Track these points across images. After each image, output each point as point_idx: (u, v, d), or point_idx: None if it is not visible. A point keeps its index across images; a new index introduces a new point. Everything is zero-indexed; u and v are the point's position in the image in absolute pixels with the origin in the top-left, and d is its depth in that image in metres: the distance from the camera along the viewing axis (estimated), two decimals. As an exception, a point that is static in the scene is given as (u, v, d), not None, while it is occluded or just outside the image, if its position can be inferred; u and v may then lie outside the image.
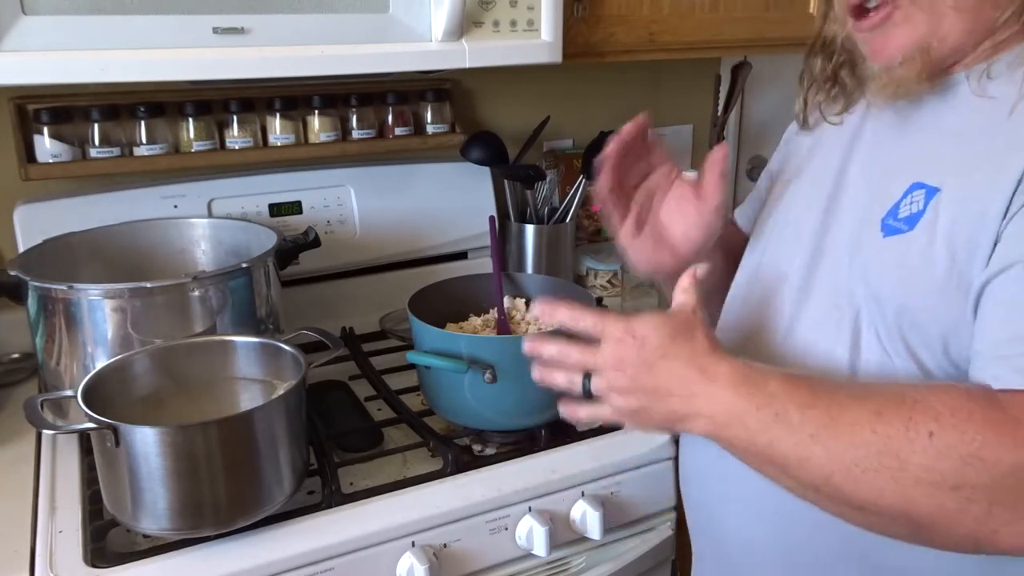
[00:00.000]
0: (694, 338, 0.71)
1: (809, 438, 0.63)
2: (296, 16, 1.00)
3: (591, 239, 1.69)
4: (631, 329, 0.71)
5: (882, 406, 0.62)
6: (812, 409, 0.64)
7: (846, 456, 0.62)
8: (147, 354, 0.94)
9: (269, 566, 0.84)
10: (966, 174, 0.67)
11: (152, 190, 1.27)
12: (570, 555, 1.03)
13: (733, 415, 0.67)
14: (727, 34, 1.34)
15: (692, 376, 0.69)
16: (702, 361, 0.69)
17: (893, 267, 0.70)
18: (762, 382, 0.67)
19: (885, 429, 0.61)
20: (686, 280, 0.76)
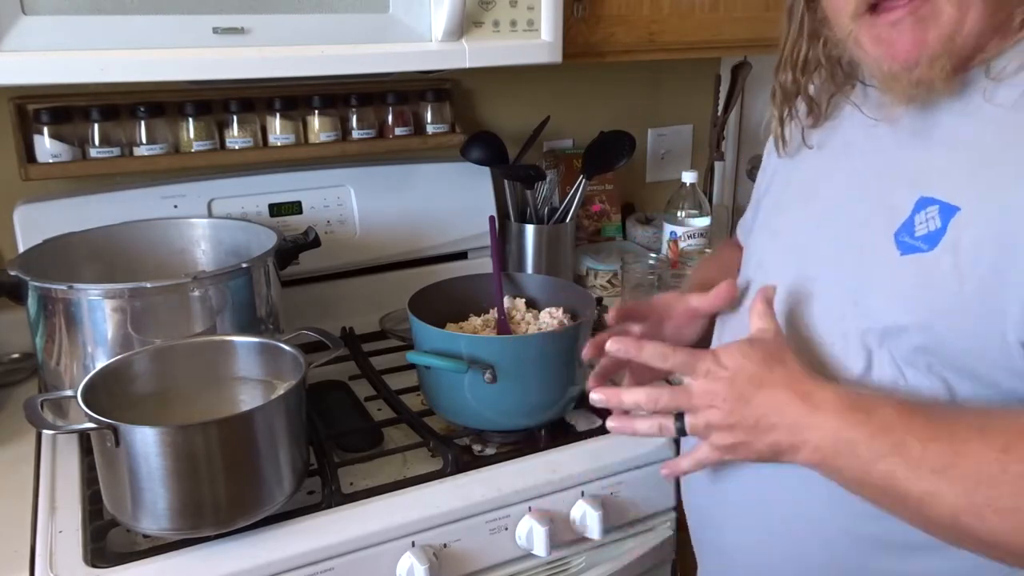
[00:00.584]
0: (787, 363, 0.68)
1: (932, 474, 0.60)
2: (296, 16, 1.00)
3: (591, 239, 1.69)
4: (719, 361, 0.68)
5: (1009, 442, 0.59)
6: (935, 443, 0.60)
7: (976, 495, 0.59)
8: (147, 354, 0.94)
9: (269, 566, 0.84)
10: (982, 191, 0.65)
11: (152, 190, 1.27)
12: (570, 555, 1.03)
13: (842, 443, 0.63)
14: (727, 34, 1.34)
15: (794, 404, 0.65)
16: (802, 387, 0.66)
17: (917, 287, 0.67)
18: (873, 409, 0.63)
19: (1017, 468, 0.58)
20: (760, 304, 0.73)
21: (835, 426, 0.64)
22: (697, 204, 1.53)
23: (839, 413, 0.64)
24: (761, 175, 0.96)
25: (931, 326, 0.66)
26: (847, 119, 0.81)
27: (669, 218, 1.55)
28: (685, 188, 1.53)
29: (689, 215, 1.53)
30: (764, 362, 0.67)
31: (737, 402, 0.67)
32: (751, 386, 0.67)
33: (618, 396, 0.73)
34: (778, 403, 0.66)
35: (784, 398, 0.66)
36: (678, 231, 1.52)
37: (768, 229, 0.87)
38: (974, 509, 0.59)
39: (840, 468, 0.65)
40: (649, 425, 0.72)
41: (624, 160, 1.49)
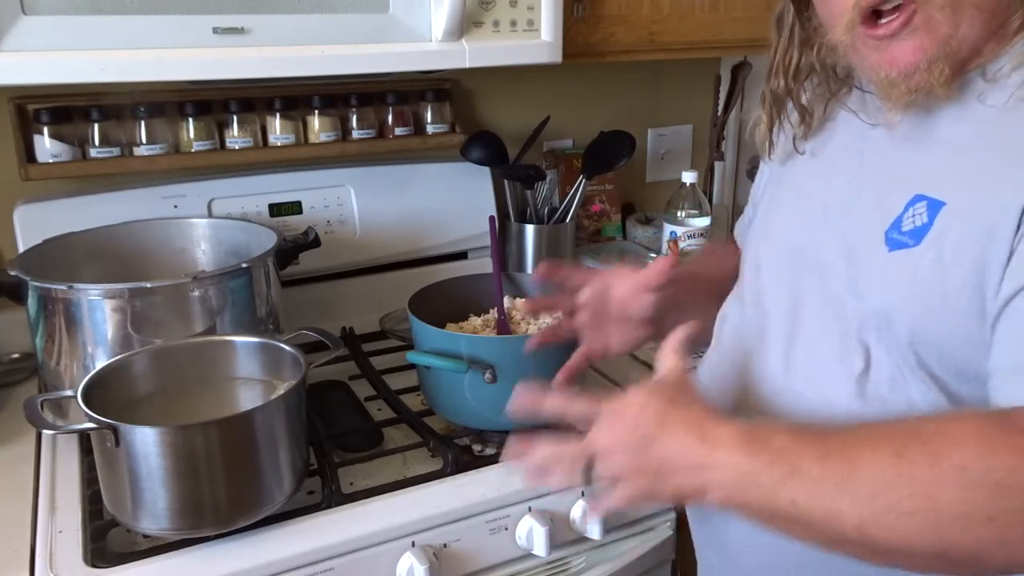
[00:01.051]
0: (687, 405, 0.68)
1: (833, 488, 0.60)
2: (296, 16, 1.00)
3: (591, 239, 1.69)
4: (619, 409, 0.69)
5: (901, 446, 0.59)
6: (828, 459, 0.61)
7: (876, 503, 0.59)
8: (147, 354, 0.94)
9: (269, 566, 0.84)
10: (970, 187, 0.66)
11: (152, 190, 1.27)
12: (570, 555, 1.03)
13: (744, 477, 0.63)
14: (727, 34, 1.34)
15: (692, 445, 0.65)
16: (700, 427, 0.66)
17: (902, 282, 0.68)
18: (767, 438, 0.64)
19: (910, 470, 0.58)
20: (674, 341, 0.74)
21: (734, 460, 0.64)
22: (697, 204, 1.53)
23: (736, 447, 0.64)
24: (759, 177, 0.97)
25: (918, 319, 0.68)
26: (843, 123, 0.81)
27: (669, 218, 1.54)
28: (685, 188, 1.53)
29: (689, 215, 1.53)
30: (663, 406, 0.68)
31: (638, 449, 0.67)
32: (652, 430, 0.67)
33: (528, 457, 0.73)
34: (678, 447, 0.66)
35: (684, 440, 0.66)
36: (678, 231, 1.52)
37: (764, 230, 0.87)
38: (876, 518, 0.59)
39: (748, 502, 0.64)
40: (558, 478, 0.72)
41: (624, 160, 1.49)
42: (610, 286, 0.90)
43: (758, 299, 0.84)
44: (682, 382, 0.71)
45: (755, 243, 0.88)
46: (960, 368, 0.67)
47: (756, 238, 0.89)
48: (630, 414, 0.68)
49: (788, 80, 0.81)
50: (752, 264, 0.87)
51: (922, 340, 0.68)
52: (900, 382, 0.70)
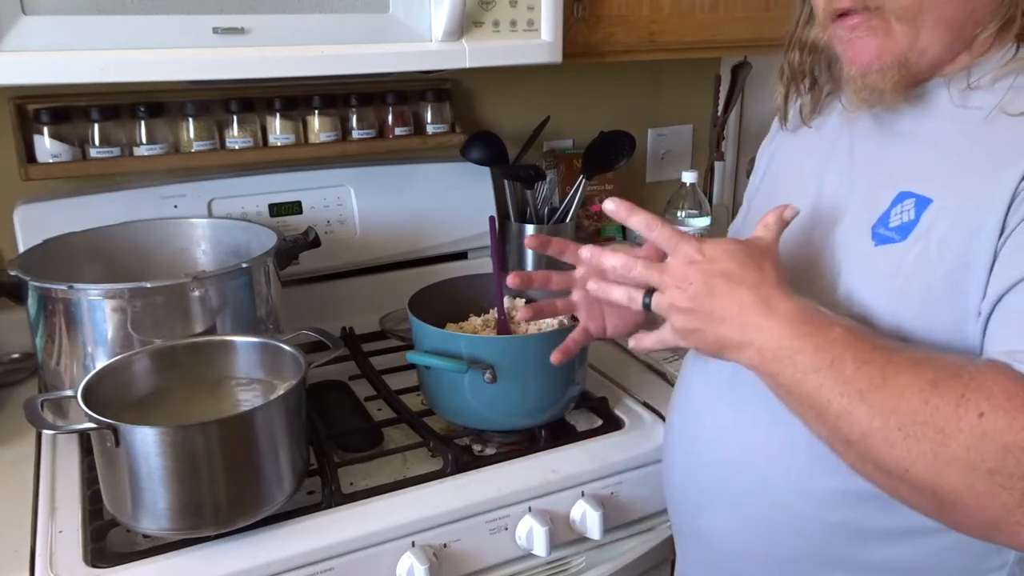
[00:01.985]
0: (763, 268, 0.69)
1: (857, 393, 0.62)
2: (296, 16, 1.00)
3: (591, 239, 1.69)
4: (702, 249, 0.70)
5: (938, 377, 0.60)
6: (868, 365, 0.62)
7: (890, 419, 0.60)
8: (147, 354, 0.94)
9: (269, 566, 0.84)
10: (956, 186, 0.68)
11: (152, 190, 1.27)
12: (570, 555, 1.03)
13: (783, 350, 0.65)
14: (727, 34, 1.34)
15: (751, 305, 0.67)
16: (766, 292, 0.67)
17: (885, 276, 0.70)
18: (825, 325, 0.65)
19: (936, 401, 0.59)
20: (771, 217, 0.74)
21: (781, 333, 0.65)
22: (697, 204, 1.54)
23: (790, 322, 0.65)
24: (753, 176, 0.98)
25: (901, 314, 0.69)
26: (836, 116, 0.83)
27: (669, 218, 1.54)
28: (685, 188, 1.54)
29: (689, 215, 1.53)
30: (742, 262, 0.69)
31: (702, 289, 0.68)
32: (721, 279, 0.68)
33: (599, 256, 0.75)
34: (738, 300, 0.67)
35: (745, 297, 0.67)
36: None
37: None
38: (885, 431, 0.60)
39: (775, 373, 0.66)
40: (621, 293, 0.74)
41: (624, 160, 1.49)
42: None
43: None
44: (768, 249, 0.71)
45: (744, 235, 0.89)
46: None
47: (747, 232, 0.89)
48: (708, 259, 0.69)
49: (804, 53, 0.83)
50: None
51: (902, 333, 0.69)
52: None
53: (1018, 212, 0.63)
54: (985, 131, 0.68)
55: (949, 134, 0.70)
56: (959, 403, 0.58)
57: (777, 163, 0.92)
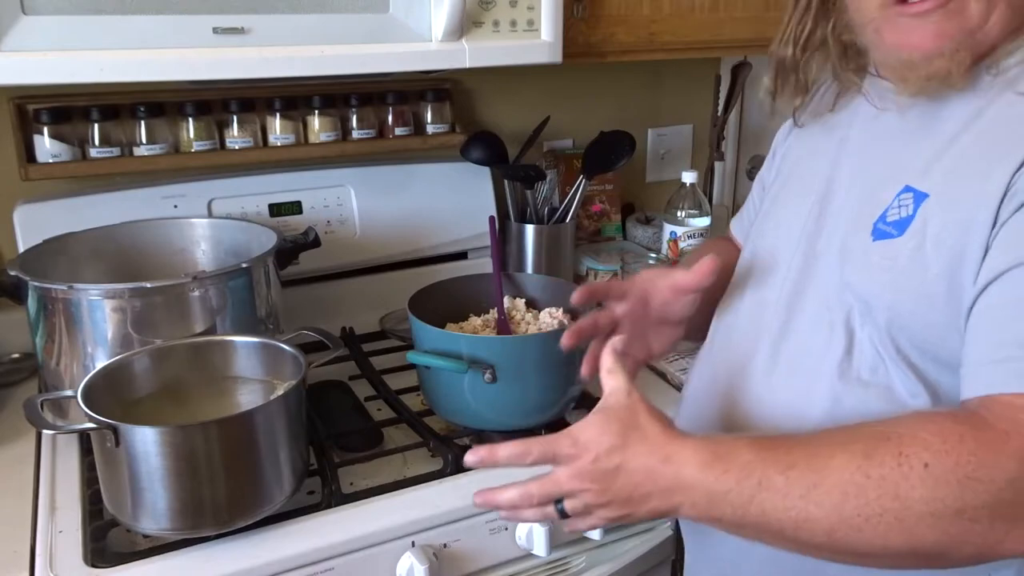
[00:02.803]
0: (643, 428, 0.68)
1: (800, 499, 0.61)
2: (296, 16, 1.00)
3: (591, 239, 1.69)
4: (578, 442, 0.68)
5: (869, 448, 0.60)
6: (794, 469, 0.62)
7: (845, 508, 0.60)
8: (147, 354, 0.94)
9: (269, 566, 0.84)
10: (953, 180, 0.68)
11: (152, 190, 1.27)
12: (570, 555, 1.03)
13: (714, 496, 0.64)
14: (727, 34, 1.34)
15: (658, 470, 0.66)
16: (662, 451, 0.66)
17: (883, 271, 0.70)
18: (732, 454, 0.64)
19: (878, 471, 0.59)
20: (608, 360, 0.73)
21: (701, 483, 0.64)
22: (697, 204, 1.53)
23: (701, 468, 0.64)
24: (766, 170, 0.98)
25: (896, 308, 0.69)
26: (853, 110, 0.82)
27: (669, 218, 1.54)
28: (685, 188, 1.53)
29: (689, 215, 1.53)
30: (620, 432, 0.67)
31: (605, 479, 0.67)
32: (614, 459, 0.66)
33: (494, 499, 0.72)
34: (644, 473, 0.66)
35: (648, 464, 0.66)
36: (678, 231, 1.52)
37: (772, 220, 0.88)
38: (846, 522, 0.60)
39: (719, 517, 0.65)
40: (533, 514, 0.72)
41: (624, 160, 1.49)
42: (648, 292, 0.89)
43: (756, 293, 0.84)
44: (631, 403, 0.70)
45: (763, 231, 0.89)
46: (936, 355, 0.69)
47: (765, 226, 0.89)
48: (589, 447, 0.67)
49: (796, 50, 0.81)
50: (765, 253, 0.87)
51: (899, 327, 0.69)
52: (880, 367, 0.71)
53: (1009, 205, 0.63)
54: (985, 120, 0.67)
55: (956, 126, 0.70)
56: (900, 463, 0.59)
57: (790, 161, 0.91)
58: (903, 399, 0.70)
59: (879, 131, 0.77)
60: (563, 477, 0.68)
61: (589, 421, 0.69)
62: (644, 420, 0.68)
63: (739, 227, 1.04)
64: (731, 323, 0.87)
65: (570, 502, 0.69)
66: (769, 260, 0.84)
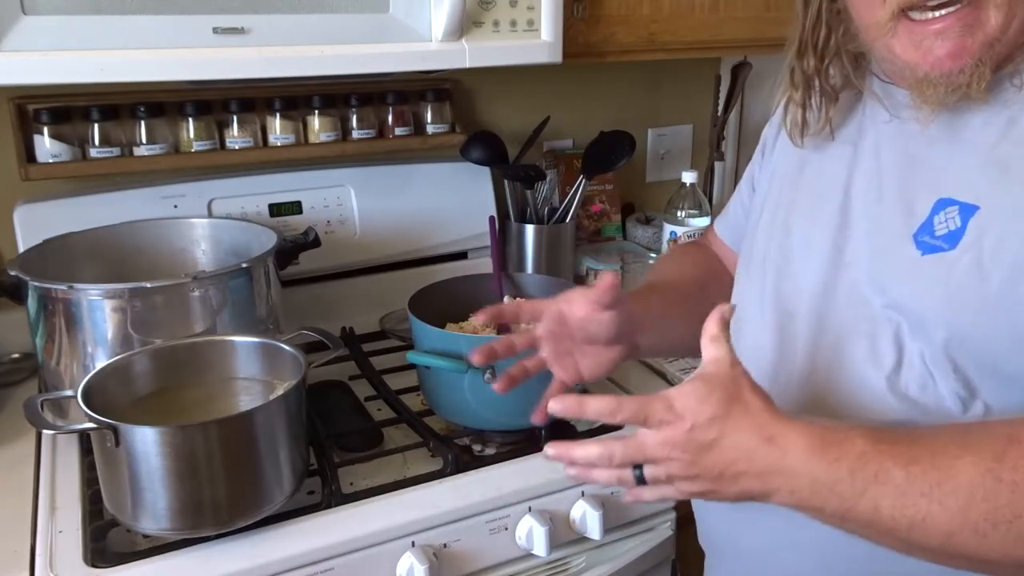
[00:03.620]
0: (747, 403, 0.63)
1: (921, 497, 0.57)
2: (296, 16, 1.00)
3: (591, 239, 1.69)
4: (674, 408, 0.63)
5: (1001, 450, 0.57)
6: (916, 464, 0.58)
7: (971, 511, 0.56)
8: (147, 354, 0.94)
9: (269, 566, 0.84)
10: (1002, 190, 0.65)
11: (152, 190, 1.27)
12: (570, 555, 1.03)
13: (820, 484, 0.60)
14: (727, 34, 1.34)
15: (761, 450, 0.61)
16: (766, 430, 0.62)
17: (936, 286, 0.67)
18: (846, 442, 0.60)
19: (1012, 475, 0.56)
20: (714, 327, 0.68)
21: (809, 469, 0.61)
22: (697, 204, 1.53)
23: (811, 454, 0.61)
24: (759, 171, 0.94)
25: (956, 323, 0.66)
26: (866, 116, 0.79)
27: (669, 218, 1.55)
28: (685, 188, 1.53)
29: (689, 215, 1.53)
30: (722, 404, 0.63)
31: (698, 452, 0.63)
32: (711, 432, 0.62)
33: (570, 452, 0.67)
34: (743, 450, 0.62)
35: (749, 444, 0.62)
36: (678, 231, 1.52)
37: (782, 227, 0.84)
38: (970, 526, 0.57)
39: (820, 507, 0.62)
40: (608, 475, 0.67)
41: (624, 160, 1.49)
42: (564, 311, 0.84)
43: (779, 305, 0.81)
44: (735, 375, 0.65)
45: (769, 238, 0.85)
46: (997, 369, 0.66)
47: (770, 233, 0.85)
48: (685, 417, 0.63)
49: (817, 60, 0.78)
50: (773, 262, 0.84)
51: (959, 343, 0.67)
52: (930, 383, 0.68)
53: None
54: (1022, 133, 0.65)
55: (989, 136, 0.67)
56: None
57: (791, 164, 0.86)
58: (954, 412, 0.67)
59: (899, 140, 0.74)
60: (651, 442, 0.64)
61: (687, 388, 0.64)
62: (748, 395, 0.64)
63: (725, 227, 1.01)
64: (754, 335, 0.83)
65: (651, 469, 0.65)
66: (789, 271, 0.81)
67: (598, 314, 0.82)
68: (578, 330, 0.84)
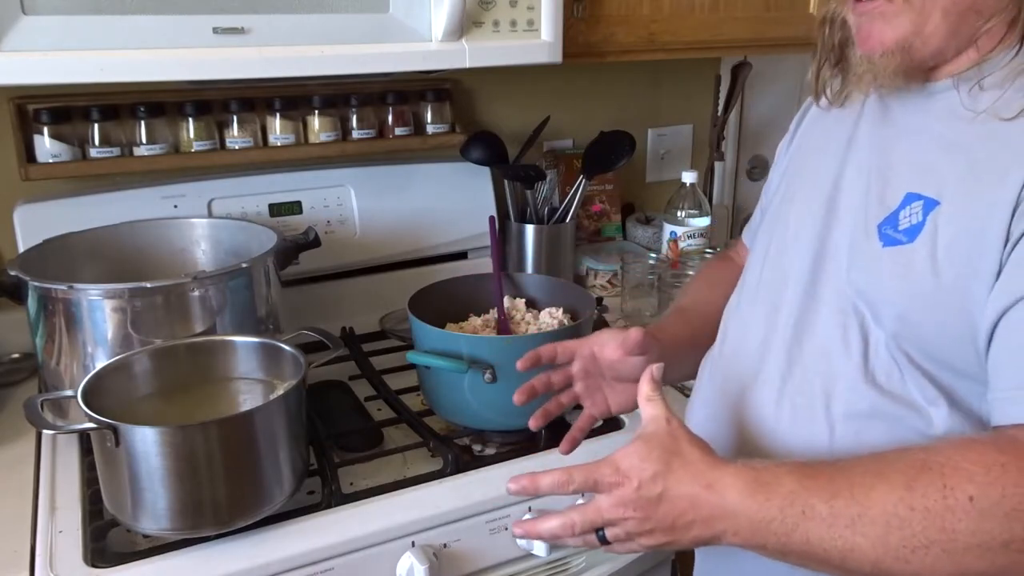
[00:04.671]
0: (684, 455, 0.68)
1: (846, 529, 0.61)
2: (296, 16, 1.00)
3: (591, 239, 1.69)
4: (620, 470, 0.68)
5: (911, 479, 0.60)
6: (837, 499, 0.62)
7: (890, 539, 0.60)
8: (147, 354, 0.94)
9: (269, 566, 0.84)
10: (963, 188, 0.67)
11: (152, 190, 1.27)
12: (570, 555, 1.03)
13: (757, 524, 0.64)
14: (727, 34, 1.34)
15: (701, 497, 0.66)
16: (706, 478, 0.66)
17: (894, 278, 0.70)
18: (775, 482, 0.64)
19: (922, 502, 0.59)
20: (646, 387, 0.74)
21: (744, 510, 0.64)
22: (697, 204, 1.54)
23: (745, 496, 0.65)
24: (773, 170, 0.97)
25: (906, 316, 0.69)
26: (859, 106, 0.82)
27: (669, 218, 1.55)
28: (685, 188, 1.54)
29: (689, 215, 1.53)
30: (662, 459, 0.67)
31: (648, 507, 0.67)
32: (656, 487, 0.67)
33: (536, 529, 0.72)
34: (688, 498, 0.66)
35: (691, 492, 0.66)
36: (678, 231, 1.52)
37: (780, 222, 0.87)
38: (893, 553, 0.60)
39: (763, 544, 0.65)
40: (575, 542, 0.72)
41: (624, 160, 1.49)
42: (596, 352, 0.90)
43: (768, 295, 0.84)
44: (671, 430, 0.70)
45: (770, 232, 0.88)
46: (948, 363, 0.68)
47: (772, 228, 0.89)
48: (631, 476, 0.67)
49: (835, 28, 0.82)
50: (772, 257, 0.86)
51: (907, 335, 0.69)
52: (895, 373, 0.71)
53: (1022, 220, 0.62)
54: (992, 132, 0.67)
55: (960, 135, 0.70)
56: (945, 495, 0.59)
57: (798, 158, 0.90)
58: (920, 404, 0.70)
59: (878, 131, 0.78)
60: (605, 505, 0.68)
61: (630, 449, 0.69)
62: (685, 447, 0.69)
63: (749, 234, 1.03)
64: (742, 325, 0.87)
65: (612, 530, 0.69)
66: (779, 261, 0.84)
67: (628, 359, 0.87)
68: (608, 370, 0.90)
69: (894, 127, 0.76)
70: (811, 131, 0.90)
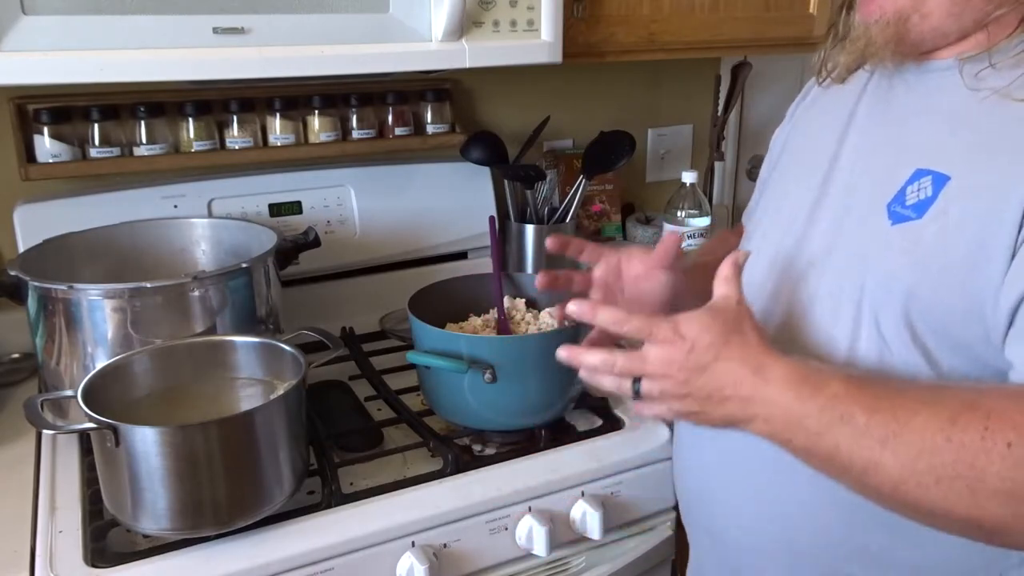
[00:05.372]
0: (744, 334, 0.68)
1: (878, 443, 0.61)
2: (296, 16, 1.00)
3: (591, 239, 1.69)
4: (679, 330, 0.68)
5: (956, 412, 0.60)
6: (879, 413, 0.62)
7: (918, 464, 0.60)
8: (147, 354, 0.94)
9: (269, 566, 0.85)
10: (975, 163, 0.67)
11: (152, 190, 1.27)
12: (570, 555, 1.03)
13: (792, 417, 0.65)
14: (727, 34, 1.34)
15: (746, 378, 0.66)
16: (756, 361, 0.67)
17: (903, 254, 0.70)
18: (822, 383, 0.64)
19: (960, 437, 0.59)
20: (727, 268, 0.73)
21: (784, 400, 0.65)
22: (697, 204, 1.54)
23: (789, 387, 0.65)
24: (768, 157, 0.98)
25: (916, 292, 0.69)
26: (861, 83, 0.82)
27: (669, 218, 1.55)
28: (685, 188, 1.54)
29: (689, 215, 1.53)
30: (722, 333, 0.68)
31: (692, 372, 0.67)
32: (707, 357, 0.67)
33: (579, 357, 0.72)
34: (731, 376, 0.67)
35: (737, 371, 0.67)
36: (678, 231, 1.52)
37: (774, 200, 0.88)
38: (916, 478, 0.60)
39: (789, 439, 0.66)
40: (611, 381, 0.72)
41: (624, 160, 1.49)
42: (622, 264, 0.90)
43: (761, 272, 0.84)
44: (739, 311, 0.70)
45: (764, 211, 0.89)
46: (954, 340, 0.68)
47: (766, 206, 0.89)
48: (687, 339, 0.67)
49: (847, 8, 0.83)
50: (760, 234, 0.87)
51: (917, 310, 0.69)
52: (886, 353, 0.71)
53: None
54: (1004, 111, 0.67)
55: (967, 112, 0.70)
56: (984, 436, 0.58)
57: (797, 135, 0.91)
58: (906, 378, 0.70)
59: (881, 110, 0.78)
60: (651, 357, 0.68)
61: (693, 315, 0.69)
62: (748, 328, 0.69)
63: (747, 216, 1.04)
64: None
65: (648, 384, 0.69)
66: (773, 240, 0.84)
67: (655, 274, 0.87)
68: (629, 286, 0.90)
69: (898, 104, 0.76)
70: (810, 111, 0.91)
